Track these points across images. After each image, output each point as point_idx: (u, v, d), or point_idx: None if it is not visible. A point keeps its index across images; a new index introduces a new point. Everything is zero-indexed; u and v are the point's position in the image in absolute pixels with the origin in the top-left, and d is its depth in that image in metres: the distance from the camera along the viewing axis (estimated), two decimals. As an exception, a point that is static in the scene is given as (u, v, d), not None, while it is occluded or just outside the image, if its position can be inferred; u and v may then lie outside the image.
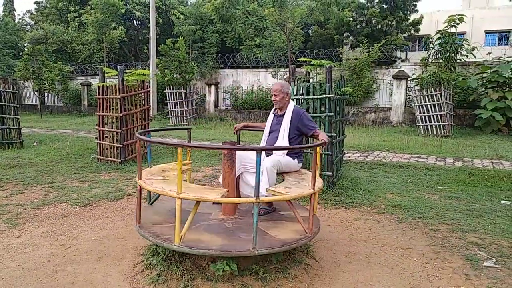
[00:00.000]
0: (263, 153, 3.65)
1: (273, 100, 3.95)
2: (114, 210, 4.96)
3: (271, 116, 4.07)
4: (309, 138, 4.43)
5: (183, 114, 17.11)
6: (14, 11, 35.18)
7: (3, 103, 9.74)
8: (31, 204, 5.09)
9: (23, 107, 23.71)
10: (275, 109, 4.03)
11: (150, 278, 3.06)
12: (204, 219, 3.41)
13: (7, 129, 9.83)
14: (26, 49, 23.26)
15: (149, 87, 8.91)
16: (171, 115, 17.21)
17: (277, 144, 3.85)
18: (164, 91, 17.61)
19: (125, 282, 3.09)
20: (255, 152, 3.54)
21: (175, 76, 17.19)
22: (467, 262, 3.45)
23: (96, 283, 3.08)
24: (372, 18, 18.99)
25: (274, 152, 3.77)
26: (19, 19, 34.69)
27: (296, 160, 3.85)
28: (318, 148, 3.34)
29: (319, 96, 5.56)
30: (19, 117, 10.16)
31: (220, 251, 2.76)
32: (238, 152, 3.56)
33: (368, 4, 19.70)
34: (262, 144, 4.04)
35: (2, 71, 22.88)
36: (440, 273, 3.28)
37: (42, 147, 9.84)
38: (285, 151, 3.80)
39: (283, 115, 3.91)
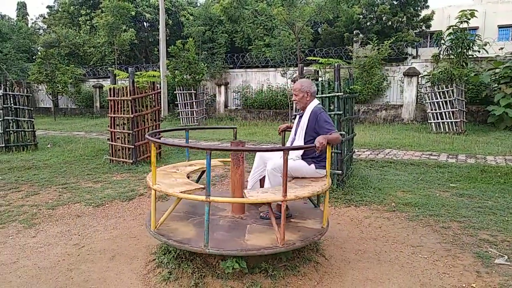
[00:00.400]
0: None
1: (293, 100, 3.77)
2: (126, 210, 5.04)
3: (298, 116, 3.86)
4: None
5: (193, 115, 17.22)
6: (27, 16, 35.81)
7: (17, 106, 9.95)
8: (46, 205, 5.21)
9: (37, 110, 24.12)
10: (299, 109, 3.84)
11: (162, 276, 3.11)
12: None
13: (22, 132, 10.04)
14: (39, 53, 23.69)
15: (160, 88, 9.00)
16: (181, 115, 17.34)
17: (296, 142, 3.70)
18: (175, 92, 17.76)
19: (137, 280, 3.15)
20: (275, 153, 3.59)
21: (185, 77, 17.32)
22: (478, 260, 3.43)
23: (110, 281, 3.15)
24: (382, 15, 18.85)
25: (290, 154, 3.43)
26: (32, 23, 35.31)
27: (313, 166, 3.53)
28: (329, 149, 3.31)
29: (327, 95, 5.56)
30: (33, 119, 10.36)
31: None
32: (260, 153, 3.64)
33: (378, 1, 19.56)
34: (288, 144, 3.83)
35: (16, 75, 23.32)
36: (451, 270, 3.27)
37: (56, 149, 10.02)
38: (299, 154, 3.58)
39: (303, 115, 3.72)
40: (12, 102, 9.88)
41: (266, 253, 2.84)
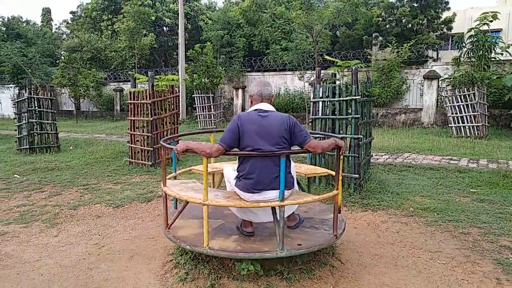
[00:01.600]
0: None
1: None
2: (145, 211, 5.13)
3: None
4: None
5: (211, 118, 17.37)
6: (52, 21, 36.89)
7: (42, 109, 10.26)
8: (67, 205, 5.36)
9: (59, 112, 24.75)
10: None
11: (179, 276, 3.16)
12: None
13: (46, 134, 10.35)
14: (62, 57, 24.36)
15: (178, 92, 9.14)
16: (199, 118, 17.51)
17: None
18: (193, 95, 17.96)
19: (155, 280, 3.21)
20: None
21: (203, 80, 17.50)
22: (498, 266, 3.36)
23: (128, 280, 3.22)
24: (402, 17, 18.63)
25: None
26: (56, 28, 36.37)
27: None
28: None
29: (345, 98, 5.55)
30: (56, 122, 10.67)
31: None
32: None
33: (398, 3, 19.34)
34: None
35: (40, 79, 24.01)
36: (470, 277, 3.21)
37: (77, 151, 10.28)
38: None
39: None
40: (36, 105, 10.20)
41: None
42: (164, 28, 27.81)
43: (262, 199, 2.95)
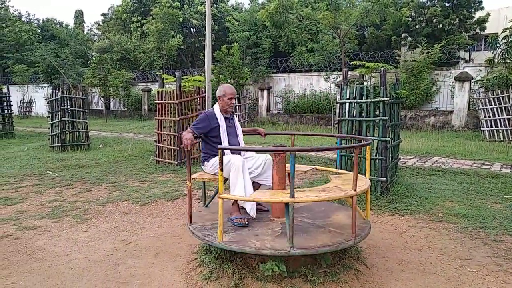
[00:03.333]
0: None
1: (232, 104, 3.83)
2: (171, 209, 5.21)
3: (222, 119, 3.78)
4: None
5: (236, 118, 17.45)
6: (84, 23, 38.14)
7: (73, 108, 10.61)
8: (96, 202, 5.51)
9: (90, 112, 25.51)
10: (226, 112, 3.84)
11: (203, 275, 3.19)
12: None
13: (77, 132, 10.69)
14: (93, 58, 25.10)
15: (204, 92, 9.23)
16: (225, 119, 17.63)
17: (242, 144, 3.92)
18: (219, 96, 18.09)
19: (180, 277, 3.26)
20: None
21: (229, 81, 17.63)
22: (533, 277, 3.22)
23: (154, 277, 3.28)
24: (433, 17, 18.13)
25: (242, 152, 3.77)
26: (88, 30, 37.57)
27: None
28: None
29: (373, 100, 5.45)
30: (87, 121, 11.00)
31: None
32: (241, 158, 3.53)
33: (429, 2, 18.85)
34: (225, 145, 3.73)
35: (72, 79, 24.84)
36: (502, 286, 3.09)
37: (106, 149, 10.56)
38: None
39: (233, 117, 3.98)
40: (68, 104, 10.54)
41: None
42: (192, 30, 28.20)
43: None
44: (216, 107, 3.87)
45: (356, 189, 3.10)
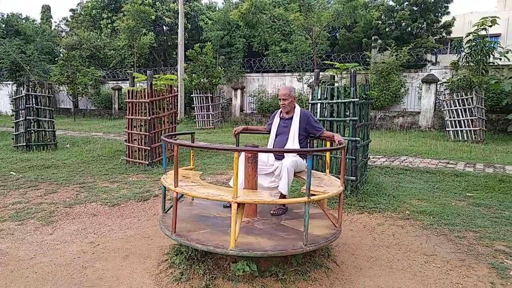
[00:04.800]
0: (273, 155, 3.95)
1: (282, 105, 4.10)
2: (141, 210, 5.12)
3: (277, 119, 4.20)
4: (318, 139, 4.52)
5: (209, 118, 17.37)
6: (51, 19, 36.79)
7: (39, 107, 10.23)
8: (63, 203, 5.34)
9: (57, 110, 24.70)
10: (281, 112, 4.19)
11: (174, 276, 3.15)
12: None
13: (43, 131, 10.31)
14: (61, 55, 24.31)
15: (177, 91, 9.13)
16: (197, 118, 17.51)
17: (287, 146, 3.98)
18: (192, 95, 17.95)
19: (149, 279, 3.20)
20: (266, 155, 3.89)
21: (202, 80, 17.50)
22: (493, 270, 3.37)
23: (123, 279, 3.21)
24: (402, 21, 18.67)
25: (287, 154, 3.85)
26: (55, 26, 36.26)
27: (305, 161, 3.87)
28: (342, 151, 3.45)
29: (343, 100, 5.55)
30: (54, 120, 10.64)
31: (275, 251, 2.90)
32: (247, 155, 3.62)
33: (398, 6, 19.39)
34: (270, 146, 4.15)
35: (39, 76, 23.95)
36: (465, 280, 3.22)
37: (74, 149, 10.25)
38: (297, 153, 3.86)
39: (291, 118, 4.08)
40: (34, 102, 10.16)
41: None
42: (164, 28, 27.79)
43: None
44: None
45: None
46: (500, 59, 12.88)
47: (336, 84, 6.35)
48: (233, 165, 2.83)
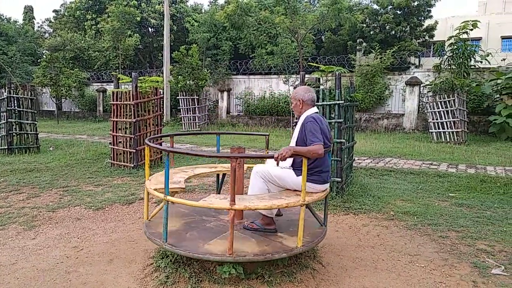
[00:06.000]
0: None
1: (293, 107, 3.68)
2: (126, 214, 5.07)
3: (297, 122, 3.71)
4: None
5: (195, 120, 17.30)
6: (34, 20, 36.14)
7: (21, 109, 10.03)
8: (46, 207, 5.24)
9: (40, 113, 24.27)
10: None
11: (159, 280, 3.13)
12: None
13: (25, 134, 10.11)
14: (44, 56, 23.88)
15: (162, 93, 9.08)
16: (184, 121, 17.42)
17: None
18: (177, 97, 17.85)
19: (135, 283, 3.17)
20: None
21: (188, 82, 17.42)
22: (475, 269, 3.44)
23: (107, 284, 3.17)
24: (386, 24, 18.96)
25: (282, 163, 3.22)
26: (38, 27, 35.66)
27: (300, 178, 3.21)
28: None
29: (328, 102, 5.60)
30: (36, 122, 10.44)
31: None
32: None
33: (382, 10, 19.68)
34: None
35: (21, 78, 23.50)
36: (448, 280, 3.27)
37: (58, 152, 10.07)
38: (290, 163, 3.43)
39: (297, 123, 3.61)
40: (16, 104, 9.96)
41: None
42: (150, 29, 27.61)
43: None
44: None
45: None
46: (481, 62, 13.19)
47: (321, 87, 6.41)
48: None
